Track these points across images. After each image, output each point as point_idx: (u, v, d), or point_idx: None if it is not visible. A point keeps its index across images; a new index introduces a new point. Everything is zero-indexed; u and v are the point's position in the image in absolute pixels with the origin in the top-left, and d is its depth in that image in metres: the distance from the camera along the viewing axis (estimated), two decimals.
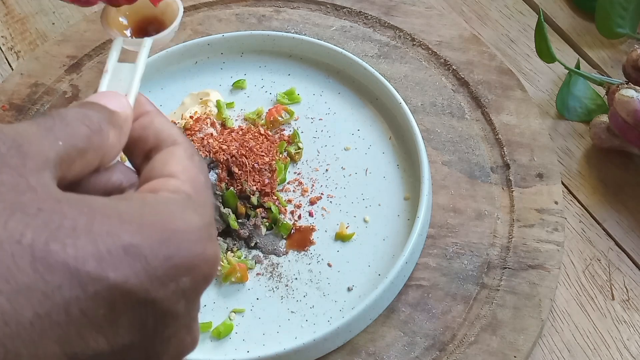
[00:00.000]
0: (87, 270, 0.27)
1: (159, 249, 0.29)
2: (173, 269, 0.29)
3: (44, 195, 0.29)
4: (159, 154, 0.35)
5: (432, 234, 0.66)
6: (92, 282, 0.27)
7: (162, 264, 0.29)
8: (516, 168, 0.70)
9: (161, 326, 0.30)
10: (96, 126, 0.33)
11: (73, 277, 0.27)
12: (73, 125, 0.32)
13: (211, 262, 0.31)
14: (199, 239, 0.31)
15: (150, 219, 0.30)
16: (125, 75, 0.43)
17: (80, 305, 0.27)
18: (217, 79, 0.78)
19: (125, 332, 0.29)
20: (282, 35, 0.78)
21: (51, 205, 0.28)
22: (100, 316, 0.28)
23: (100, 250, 0.28)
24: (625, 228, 0.68)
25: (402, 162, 0.70)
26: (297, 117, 0.74)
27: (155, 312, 0.29)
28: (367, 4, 0.82)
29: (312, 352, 0.61)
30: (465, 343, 0.61)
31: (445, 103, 0.74)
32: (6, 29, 0.88)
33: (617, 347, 0.62)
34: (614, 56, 0.79)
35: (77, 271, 0.27)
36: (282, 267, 0.66)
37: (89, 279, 0.27)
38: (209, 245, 0.31)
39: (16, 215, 0.27)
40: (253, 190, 0.67)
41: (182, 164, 0.34)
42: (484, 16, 0.84)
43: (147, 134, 0.36)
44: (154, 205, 0.31)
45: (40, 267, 0.26)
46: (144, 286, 0.28)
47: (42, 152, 0.30)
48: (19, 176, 0.29)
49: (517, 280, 0.63)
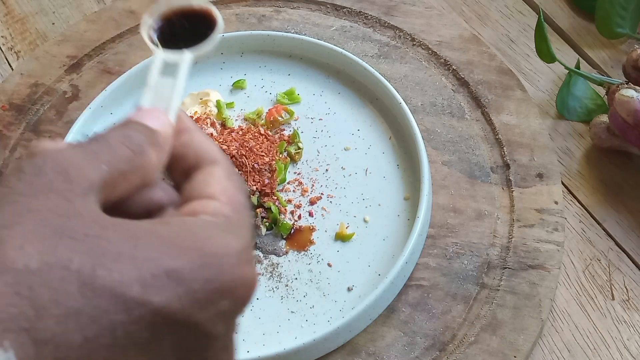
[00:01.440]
0: (132, 295, 0.28)
1: (200, 273, 0.30)
2: (213, 292, 0.30)
3: (90, 220, 0.29)
4: (198, 173, 0.35)
5: (432, 234, 0.66)
6: (137, 307, 0.28)
7: (202, 287, 0.30)
8: (516, 168, 0.70)
9: (201, 347, 0.31)
10: (138, 148, 0.33)
11: (119, 302, 0.28)
12: (116, 147, 0.33)
13: (249, 285, 0.32)
14: (238, 262, 0.31)
15: (190, 243, 0.30)
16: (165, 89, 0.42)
17: (126, 328, 0.28)
18: (217, 79, 0.78)
19: (167, 354, 0.30)
20: (282, 35, 0.78)
21: (97, 231, 0.29)
22: (144, 339, 0.28)
23: (144, 275, 0.29)
24: (625, 228, 0.68)
25: (402, 162, 0.70)
26: (297, 117, 0.74)
27: (196, 334, 0.30)
28: (367, 4, 0.82)
29: (312, 352, 0.61)
30: (465, 343, 0.61)
31: (445, 103, 0.74)
32: (6, 29, 0.88)
33: (617, 347, 0.62)
34: (614, 56, 0.79)
35: (122, 296, 0.28)
36: (282, 267, 0.66)
37: (134, 303, 0.28)
38: (247, 268, 0.32)
39: (64, 240, 0.28)
40: (253, 190, 0.67)
41: (222, 184, 0.35)
42: (484, 16, 0.84)
43: (187, 152, 0.36)
44: (194, 230, 0.31)
45: (88, 292, 0.27)
46: (186, 310, 0.29)
47: (88, 177, 0.31)
48: (66, 201, 0.29)
49: (517, 280, 0.63)
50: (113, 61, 0.80)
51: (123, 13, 0.84)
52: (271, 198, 0.68)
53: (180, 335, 0.30)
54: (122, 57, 0.81)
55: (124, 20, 0.84)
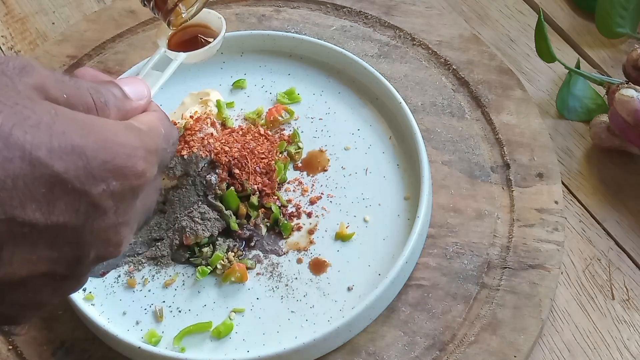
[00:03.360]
0: (39, 155, 0.34)
1: (99, 153, 0.36)
2: (106, 171, 0.37)
3: (24, 96, 0.36)
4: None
5: (432, 233, 0.66)
6: (40, 166, 0.34)
7: (98, 165, 0.36)
8: (516, 168, 0.70)
9: (91, 216, 0.37)
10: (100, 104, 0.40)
11: (25, 157, 0.34)
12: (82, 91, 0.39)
13: (139, 176, 0.38)
14: (134, 155, 0.38)
15: (99, 130, 0.37)
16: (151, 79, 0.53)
17: (26, 180, 0.34)
18: (217, 79, 0.78)
19: (59, 212, 0.35)
20: (282, 35, 0.78)
21: (26, 103, 0.35)
22: (40, 194, 0.34)
23: (53, 143, 0.35)
24: (625, 228, 0.68)
25: (402, 162, 0.70)
26: (297, 117, 0.74)
27: (87, 202, 0.36)
28: (367, 4, 0.82)
29: (312, 352, 0.61)
30: (465, 343, 0.61)
31: (446, 103, 0.74)
32: (6, 29, 0.88)
33: (617, 347, 0.62)
34: (614, 56, 0.79)
35: (30, 154, 0.34)
36: (282, 267, 0.66)
37: (38, 162, 0.34)
38: (140, 162, 0.38)
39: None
40: (254, 190, 0.67)
41: (149, 117, 0.43)
42: (484, 16, 0.84)
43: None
44: (106, 124, 0.38)
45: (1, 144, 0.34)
46: (80, 179, 0.35)
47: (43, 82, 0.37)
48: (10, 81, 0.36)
49: (517, 280, 0.63)
50: (113, 61, 0.80)
51: (123, 13, 0.84)
52: (271, 198, 0.68)
53: (72, 199, 0.36)
54: (122, 56, 0.81)
55: (124, 20, 0.84)
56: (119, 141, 0.38)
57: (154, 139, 0.41)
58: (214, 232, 0.66)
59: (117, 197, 0.38)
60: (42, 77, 0.37)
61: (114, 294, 0.66)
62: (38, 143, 0.34)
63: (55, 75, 0.39)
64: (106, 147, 0.37)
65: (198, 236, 0.65)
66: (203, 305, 0.64)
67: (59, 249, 0.36)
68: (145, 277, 0.66)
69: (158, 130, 0.42)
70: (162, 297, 0.65)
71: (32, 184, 0.34)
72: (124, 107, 0.42)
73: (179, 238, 0.66)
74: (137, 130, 0.40)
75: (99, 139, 0.37)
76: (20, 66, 0.37)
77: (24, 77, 0.37)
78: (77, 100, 0.39)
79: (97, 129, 0.37)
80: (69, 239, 0.36)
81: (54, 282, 0.38)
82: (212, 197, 0.67)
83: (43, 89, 0.37)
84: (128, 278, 0.66)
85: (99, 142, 0.37)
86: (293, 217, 0.68)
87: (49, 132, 0.35)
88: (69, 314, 0.65)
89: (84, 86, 0.40)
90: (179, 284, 0.66)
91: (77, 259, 0.38)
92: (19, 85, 0.36)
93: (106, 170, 0.37)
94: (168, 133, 0.44)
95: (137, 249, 0.67)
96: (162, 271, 0.66)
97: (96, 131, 0.37)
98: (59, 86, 0.38)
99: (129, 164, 0.38)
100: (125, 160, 0.38)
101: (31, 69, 0.37)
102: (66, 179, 0.35)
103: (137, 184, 0.39)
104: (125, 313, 0.65)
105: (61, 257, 0.37)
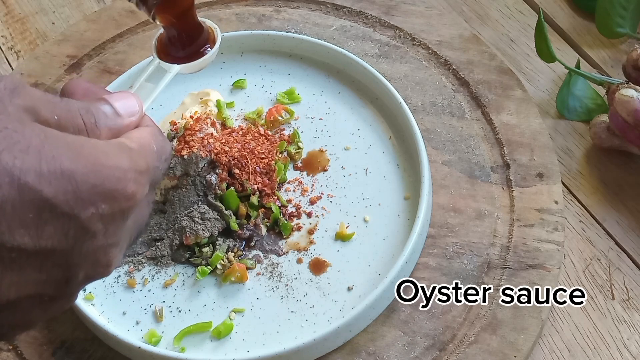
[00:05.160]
0: (27, 181, 0.34)
1: (89, 177, 0.36)
2: (96, 195, 0.36)
3: (15, 119, 0.36)
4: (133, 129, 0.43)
5: (432, 233, 0.66)
6: (29, 191, 0.34)
7: (88, 189, 0.36)
8: (516, 168, 0.70)
9: (80, 239, 0.37)
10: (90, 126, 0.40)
11: (14, 183, 0.34)
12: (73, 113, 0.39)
13: (129, 198, 0.38)
14: (124, 178, 0.38)
15: (89, 152, 0.37)
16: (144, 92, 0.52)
17: (15, 205, 0.34)
18: (217, 79, 0.78)
19: (48, 236, 0.35)
20: (282, 34, 0.78)
21: (16, 127, 0.35)
22: (29, 219, 0.34)
23: (42, 168, 0.35)
24: (625, 228, 0.68)
25: (402, 162, 0.70)
26: (297, 117, 0.74)
27: (76, 226, 0.36)
28: (367, 4, 0.82)
29: (312, 352, 0.61)
30: (465, 343, 0.61)
31: (446, 103, 0.74)
32: (6, 29, 0.88)
33: (617, 347, 0.62)
34: (614, 56, 0.79)
35: (18, 180, 0.34)
36: (282, 267, 0.66)
37: (27, 188, 0.34)
38: (130, 185, 0.38)
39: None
40: (254, 190, 0.67)
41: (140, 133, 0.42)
42: (484, 16, 0.84)
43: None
44: (96, 145, 0.38)
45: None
46: (69, 203, 0.35)
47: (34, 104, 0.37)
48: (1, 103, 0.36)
49: (517, 280, 0.63)
50: (113, 61, 0.81)
51: (123, 13, 0.84)
52: (271, 198, 0.68)
53: (61, 223, 0.35)
54: (122, 56, 0.81)
55: (124, 20, 0.84)
56: (109, 164, 0.37)
57: (145, 157, 0.41)
58: (214, 232, 0.66)
59: (107, 220, 0.37)
60: (33, 99, 0.37)
61: (114, 294, 0.66)
62: (27, 168, 0.34)
63: (46, 97, 0.38)
64: (96, 170, 0.37)
65: (198, 236, 0.65)
66: (203, 305, 0.64)
67: (47, 271, 0.36)
68: (145, 277, 0.66)
69: (150, 148, 0.42)
70: (162, 297, 0.65)
71: (20, 209, 0.34)
72: (115, 125, 0.42)
73: (179, 238, 0.66)
74: (128, 150, 0.40)
75: (89, 162, 0.37)
76: (11, 87, 0.37)
77: (15, 99, 0.37)
78: (68, 122, 0.39)
79: (87, 152, 0.37)
80: (57, 261, 0.36)
81: (43, 303, 0.38)
82: (212, 197, 0.67)
83: (34, 111, 0.37)
84: (128, 278, 0.66)
85: (88, 165, 0.36)
86: (293, 217, 0.68)
87: (38, 157, 0.35)
88: (69, 314, 0.65)
89: (75, 107, 0.40)
90: (179, 284, 0.66)
91: (66, 281, 0.38)
92: (9, 106, 0.36)
93: (95, 193, 0.36)
94: (160, 149, 0.43)
95: (137, 249, 0.67)
96: (162, 271, 0.66)
97: (86, 154, 0.37)
98: (50, 108, 0.38)
99: (119, 187, 0.38)
100: (115, 183, 0.37)
101: (22, 90, 0.37)
102: (55, 203, 0.35)
103: (127, 205, 0.38)
104: (125, 313, 0.65)
105: (50, 279, 0.37)
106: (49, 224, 0.35)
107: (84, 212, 0.36)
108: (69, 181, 0.35)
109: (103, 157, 0.37)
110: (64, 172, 0.35)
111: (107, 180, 0.37)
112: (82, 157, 0.36)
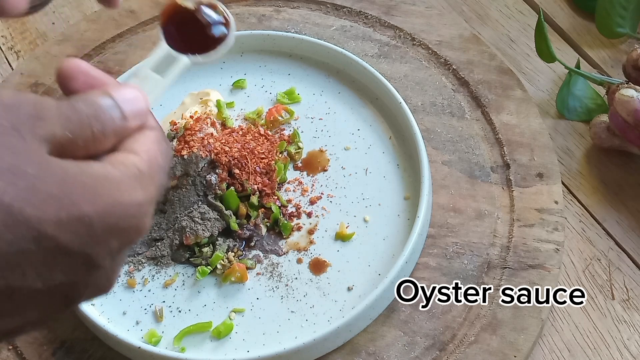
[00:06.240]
0: (46, 231, 0.34)
1: (105, 219, 0.36)
2: (109, 234, 0.36)
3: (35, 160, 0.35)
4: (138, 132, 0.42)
5: (432, 233, 0.66)
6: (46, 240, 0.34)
7: (103, 230, 0.36)
8: (516, 168, 0.70)
9: (88, 274, 0.37)
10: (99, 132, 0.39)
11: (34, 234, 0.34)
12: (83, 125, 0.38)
13: (139, 231, 0.38)
14: (138, 213, 0.38)
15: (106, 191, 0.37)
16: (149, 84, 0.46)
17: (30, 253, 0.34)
18: (217, 79, 0.78)
19: (58, 276, 0.36)
20: (282, 34, 0.78)
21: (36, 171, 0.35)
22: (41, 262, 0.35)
23: (61, 217, 0.35)
24: (625, 228, 0.68)
25: (402, 162, 0.70)
26: (297, 117, 0.74)
27: (85, 263, 0.36)
28: (367, 4, 0.82)
29: (312, 352, 0.61)
30: (465, 343, 0.61)
31: (445, 103, 0.74)
32: (6, 29, 0.88)
33: (617, 347, 0.62)
34: (614, 56, 0.79)
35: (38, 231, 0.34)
36: (282, 267, 0.66)
37: (45, 238, 0.34)
38: (143, 220, 0.38)
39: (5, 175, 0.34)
40: (254, 190, 0.67)
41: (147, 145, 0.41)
42: (484, 16, 0.84)
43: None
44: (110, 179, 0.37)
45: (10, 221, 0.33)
46: (83, 246, 0.35)
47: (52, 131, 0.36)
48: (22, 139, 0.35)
49: (517, 280, 0.63)
50: (113, 61, 0.80)
51: (123, 13, 0.84)
52: (271, 198, 0.68)
53: (71, 261, 0.36)
54: (122, 56, 0.81)
55: (124, 20, 0.84)
56: (124, 201, 0.37)
57: (154, 180, 0.40)
58: (214, 232, 0.66)
59: (116, 254, 0.38)
60: (53, 125, 0.37)
61: (114, 294, 0.66)
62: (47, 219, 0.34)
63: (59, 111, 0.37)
64: (112, 211, 0.36)
65: (198, 236, 0.65)
66: (203, 305, 0.64)
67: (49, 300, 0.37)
68: (145, 277, 0.66)
69: (158, 165, 0.41)
70: (162, 297, 0.65)
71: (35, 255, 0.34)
72: (122, 132, 0.41)
73: (179, 238, 0.66)
74: (140, 177, 0.39)
75: (106, 202, 0.36)
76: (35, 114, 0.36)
77: (37, 129, 0.36)
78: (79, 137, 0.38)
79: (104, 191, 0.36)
80: (62, 292, 0.37)
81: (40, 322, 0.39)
82: (212, 197, 0.67)
83: (51, 137, 0.37)
84: (128, 278, 0.66)
85: (105, 206, 0.36)
86: (293, 217, 0.68)
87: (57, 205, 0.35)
88: (69, 314, 0.65)
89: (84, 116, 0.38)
90: (179, 284, 0.66)
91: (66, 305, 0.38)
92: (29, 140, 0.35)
93: (109, 233, 0.36)
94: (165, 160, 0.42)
95: (137, 249, 0.67)
96: (162, 271, 0.66)
97: (102, 194, 0.36)
98: (64, 125, 0.37)
99: (133, 224, 0.37)
100: (129, 220, 0.37)
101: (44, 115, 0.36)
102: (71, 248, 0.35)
103: (137, 238, 0.38)
104: (125, 313, 0.65)
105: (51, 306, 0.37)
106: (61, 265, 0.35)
107: (95, 250, 0.36)
108: (85, 225, 0.35)
109: (118, 194, 0.37)
110: (81, 218, 0.35)
111: (121, 220, 0.37)
112: (98, 198, 0.36)
